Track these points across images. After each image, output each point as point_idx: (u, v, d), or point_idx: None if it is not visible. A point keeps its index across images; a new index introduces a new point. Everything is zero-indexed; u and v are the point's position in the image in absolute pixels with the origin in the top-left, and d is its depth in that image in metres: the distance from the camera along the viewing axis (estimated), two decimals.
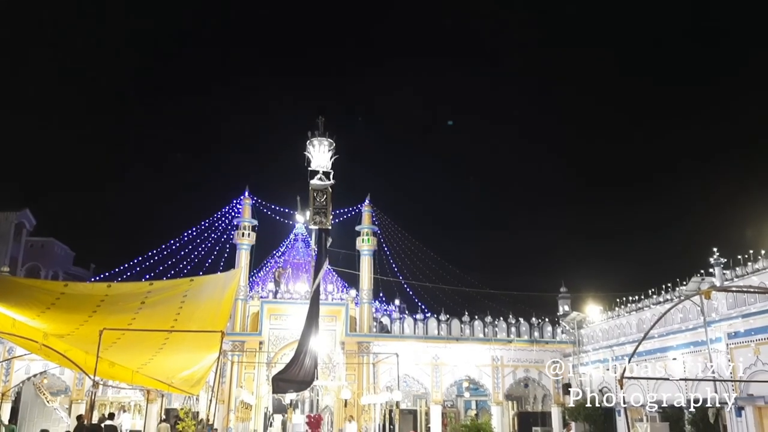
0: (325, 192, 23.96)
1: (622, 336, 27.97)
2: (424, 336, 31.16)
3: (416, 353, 30.61)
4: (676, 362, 23.62)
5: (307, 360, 21.09)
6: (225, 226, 32.79)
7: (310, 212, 23.99)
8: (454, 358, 31.15)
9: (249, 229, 31.72)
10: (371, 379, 29.83)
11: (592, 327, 30.65)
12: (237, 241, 31.51)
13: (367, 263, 31.86)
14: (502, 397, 31.41)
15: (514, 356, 31.68)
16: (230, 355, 29.17)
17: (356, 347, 30.44)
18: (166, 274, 30.61)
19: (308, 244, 37.98)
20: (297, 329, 25.05)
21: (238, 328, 30.17)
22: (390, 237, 33.32)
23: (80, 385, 27.93)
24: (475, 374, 31.40)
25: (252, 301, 31.03)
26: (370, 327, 31.15)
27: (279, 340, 30.41)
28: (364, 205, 33.01)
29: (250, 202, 32.48)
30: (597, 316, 30.52)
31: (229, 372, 29.18)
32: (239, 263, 31.03)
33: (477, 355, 31.36)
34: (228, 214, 33.03)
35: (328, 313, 29.86)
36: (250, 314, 30.73)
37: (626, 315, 27.99)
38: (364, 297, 31.54)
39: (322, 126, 25.14)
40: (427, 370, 31.00)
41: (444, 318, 31.74)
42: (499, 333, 31.93)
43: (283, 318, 30.62)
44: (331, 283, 35.50)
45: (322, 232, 23.66)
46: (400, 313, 32.75)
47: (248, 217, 31.99)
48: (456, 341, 31.21)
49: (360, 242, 32.16)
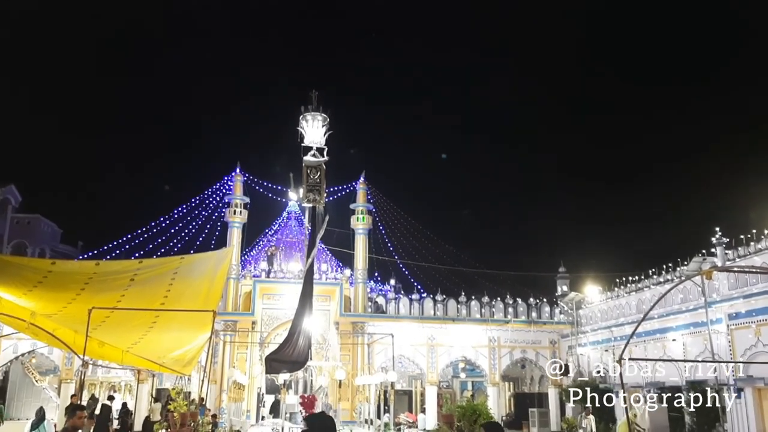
0: (319, 169, 23.73)
1: (621, 317, 28.15)
2: (419, 316, 31.34)
3: (412, 334, 30.80)
4: (676, 343, 23.84)
5: (301, 340, 21.04)
6: (216, 204, 32.79)
7: (304, 190, 23.73)
8: (450, 338, 31.38)
9: (241, 206, 31.68)
10: (366, 360, 30.06)
11: (591, 308, 30.85)
12: (228, 219, 31.47)
13: (362, 242, 31.92)
14: (498, 378, 31.71)
15: (511, 337, 31.92)
16: (222, 335, 29.29)
17: (351, 327, 30.61)
18: (156, 253, 30.69)
19: (301, 222, 38.49)
20: (290, 309, 25.12)
21: (230, 307, 30.26)
22: (385, 215, 33.40)
23: (69, 364, 28.01)
24: (472, 355, 31.66)
25: (244, 280, 31.07)
26: (365, 307, 31.28)
27: (272, 320, 30.52)
28: (358, 182, 32.96)
29: (241, 179, 32.38)
30: (596, 296, 30.70)
31: (221, 352, 29.39)
32: (231, 241, 31.03)
33: (473, 336, 31.58)
34: (219, 192, 32.98)
35: (322, 292, 29.94)
36: (242, 294, 30.81)
37: (626, 295, 28.14)
38: (358, 276, 31.63)
39: (316, 100, 24.90)
40: (423, 350, 31.24)
41: (440, 298, 31.90)
42: (496, 313, 32.12)
43: (276, 297, 30.70)
44: (326, 262, 35.76)
45: (316, 209, 23.56)
46: (396, 293, 32.86)
47: (240, 195, 31.92)
48: (452, 322, 31.41)
49: (355, 221, 32.19)
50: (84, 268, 10.15)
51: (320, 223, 23.50)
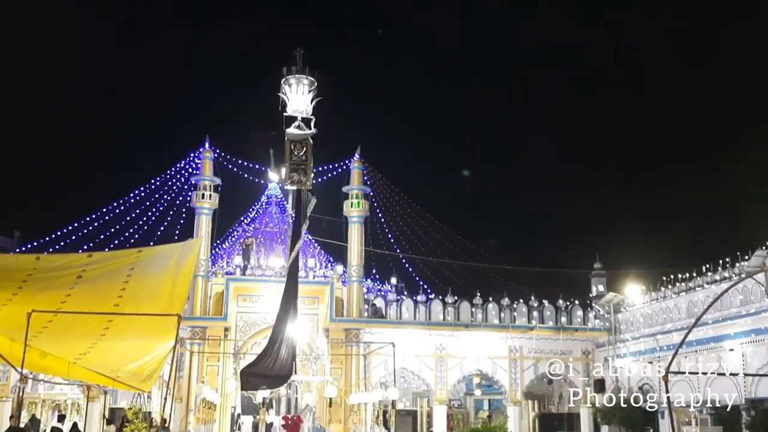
0: (305, 144, 23.74)
1: (668, 322, 28.15)
2: (426, 322, 31.33)
3: (417, 343, 30.81)
4: (734, 354, 23.80)
5: (283, 350, 21.27)
6: (181, 187, 32.75)
7: (287, 169, 23.80)
8: (462, 348, 31.43)
9: (210, 189, 31.62)
10: (362, 374, 30.09)
11: (632, 311, 30.83)
12: (195, 204, 31.40)
13: (357, 232, 31.90)
14: (520, 395, 31.77)
15: (536, 346, 32.01)
16: (189, 343, 29.30)
17: (343, 335, 30.64)
18: (108, 245, 30.47)
19: (284, 208, 38.16)
20: (271, 313, 25.17)
21: (198, 311, 30.27)
22: (385, 200, 33.31)
23: (5, 379, 28.04)
24: (489, 368, 31.72)
25: (215, 278, 31.03)
26: (361, 311, 31.30)
27: (249, 326, 30.55)
28: (353, 160, 32.88)
29: (211, 156, 32.30)
30: (638, 297, 30.64)
31: (187, 364, 29.38)
32: (199, 231, 31.02)
33: (491, 345, 31.63)
34: (184, 172, 32.93)
35: (309, 293, 29.93)
36: (212, 294, 30.83)
37: (674, 297, 28.11)
38: (353, 274, 31.60)
39: (301, 60, 24.81)
40: (430, 362, 31.27)
41: (451, 300, 31.86)
42: (518, 318, 32.12)
43: (254, 299, 30.71)
44: (313, 257, 35.65)
45: (301, 193, 23.51)
46: (398, 294, 32.76)
47: (209, 175, 31.84)
48: (465, 328, 31.45)
49: (348, 207, 32.12)
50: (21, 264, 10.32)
51: (306, 209, 23.61)
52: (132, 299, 11.21)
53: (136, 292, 11.31)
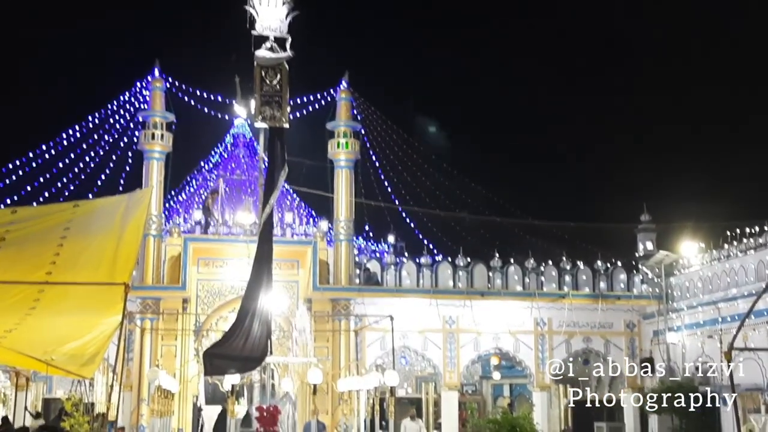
0: (279, 70, 23.19)
1: (732, 287, 28.20)
2: (432, 290, 31.40)
3: (420, 315, 30.95)
4: None
5: (256, 326, 21.00)
6: (125, 125, 32.67)
7: (257, 102, 23.25)
8: (477, 322, 31.50)
9: (162, 128, 31.50)
10: (353, 355, 30.28)
11: (688, 274, 30.94)
12: (144, 147, 31.35)
13: (345, 180, 31.90)
14: (549, 379, 32.08)
15: (568, 318, 32.01)
16: (139, 319, 29.48)
17: (330, 307, 30.77)
18: (37, 198, 30.63)
19: (254, 151, 38.79)
20: (240, 280, 25.41)
21: (150, 278, 30.34)
22: (380, 139, 33.30)
23: None
24: (510, 346, 31.92)
25: (170, 238, 31.10)
26: (351, 276, 31.37)
27: (212, 297, 30.69)
28: (339, 89, 32.71)
29: (162, 87, 32.13)
30: (695, 257, 30.71)
31: (138, 344, 29.58)
32: (149, 180, 31.00)
33: (512, 318, 31.76)
34: (129, 106, 32.81)
35: (286, 255, 29.93)
36: (167, 258, 30.88)
37: (740, 255, 28.17)
38: (340, 231, 31.65)
39: None
40: (437, 339, 31.45)
41: (462, 263, 31.97)
42: (546, 284, 32.24)
43: (219, 264, 30.83)
44: (291, 210, 35.72)
45: (276, 131, 23.40)
46: (396, 256, 32.95)
47: (160, 110, 31.71)
48: (481, 297, 31.49)
49: (334, 148, 32.05)
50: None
51: (282, 151, 23.28)
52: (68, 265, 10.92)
53: (73, 256, 11.03)
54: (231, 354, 20.78)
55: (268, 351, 21.68)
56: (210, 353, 20.77)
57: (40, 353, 14.05)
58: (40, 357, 14.16)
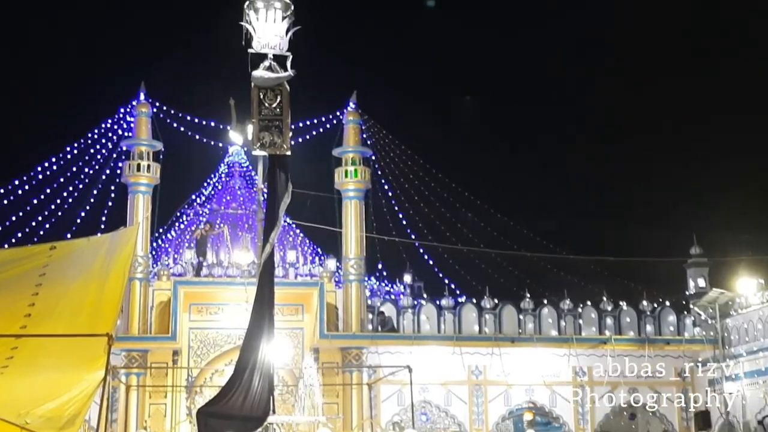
0: (279, 91, 22.51)
1: None
2: (455, 336, 30.87)
3: (443, 365, 30.42)
4: None
5: (256, 381, 20.46)
6: (107, 154, 32.15)
7: (254, 127, 22.71)
8: (507, 372, 30.87)
9: (148, 157, 31.10)
10: (366, 412, 29.74)
11: (746, 314, 30.25)
12: (128, 180, 30.92)
13: (355, 212, 31.35)
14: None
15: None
16: (124, 375, 29.03)
17: (339, 357, 30.29)
18: (9, 239, 30.33)
19: (252, 181, 38.41)
20: (237, 329, 25.15)
21: (135, 328, 29.84)
22: (393, 166, 32.65)
23: None
24: (545, 399, 31.25)
25: (159, 281, 30.75)
26: (363, 322, 30.80)
27: (207, 348, 30.32)
28: (347, 111, 32.19)
29: (148, 112, 31.74)
30: (753, 295, 30.06)
31: (123, 403, 29.11)
32: (134, 217, 30.49)
33: (547, 367, 31.13)
34: (112, 134, 32.32)
35: (290, 299, 29.40)
36: (155, 305, 30.41)
37: None
38: (350, 271, 31.04)
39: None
40: (462, 393, 30.86)
41: (490, 305, 31.44)
42: (585, 328, 31.59)
43: (213, 310, 30.53)
44: (294, 248, 35.61)
45: (276, 160, 22.47)
46: (414, 298, 32.50)
47: (146, 138, 31.35)
48: (511, 343, 30.84)
49: (342, 177, 31.51)
50: None
51: (284, 182, 22.65)
52: (44, 315, 11.04)
53: (50, 305, 11.14)
54: (228, 413, 20.05)
55: (270, 409, 20.88)
56: (205, 412, 20.10)
57: (13, 416, 13.37)
58: (12, 420, 13.50)
